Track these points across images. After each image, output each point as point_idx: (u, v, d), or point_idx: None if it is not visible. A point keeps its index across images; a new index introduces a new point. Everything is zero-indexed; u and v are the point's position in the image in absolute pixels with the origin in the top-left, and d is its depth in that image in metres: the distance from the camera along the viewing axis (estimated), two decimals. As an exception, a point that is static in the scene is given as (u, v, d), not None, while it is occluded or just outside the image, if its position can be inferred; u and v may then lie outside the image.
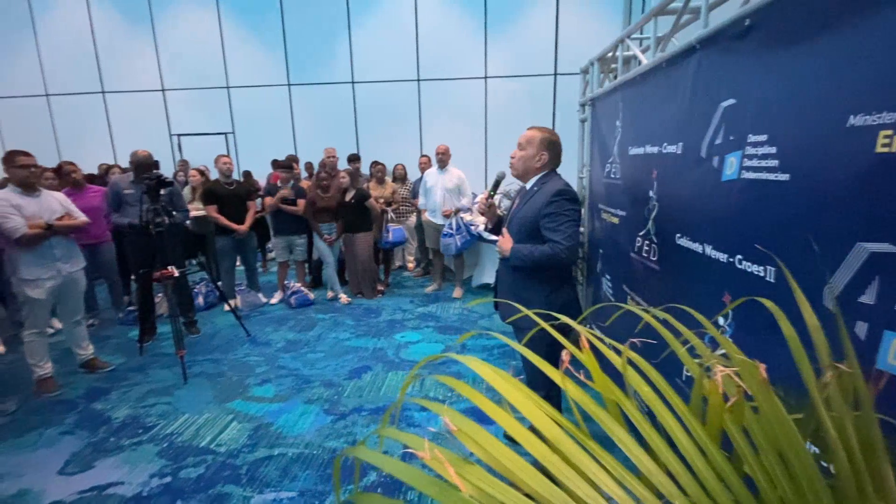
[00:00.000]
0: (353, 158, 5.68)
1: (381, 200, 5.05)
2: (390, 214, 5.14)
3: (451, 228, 4.50)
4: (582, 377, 0.63)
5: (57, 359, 3.16)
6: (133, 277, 4.38)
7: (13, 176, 2.80)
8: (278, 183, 4.69)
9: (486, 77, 6.88)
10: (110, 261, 4.17)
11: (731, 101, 1.41)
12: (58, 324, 3.60)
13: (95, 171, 5.93)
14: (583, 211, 3.14)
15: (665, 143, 1.86)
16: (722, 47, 1.47)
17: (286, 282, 4.82)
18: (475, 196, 5.15)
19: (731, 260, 1.39)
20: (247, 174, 6.52)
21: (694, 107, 1.64)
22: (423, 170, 5.21)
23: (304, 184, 4.95)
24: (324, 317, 4.31)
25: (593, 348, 0.65)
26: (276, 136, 7.41)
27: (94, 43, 7.43)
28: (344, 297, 4.72)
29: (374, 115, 7.28)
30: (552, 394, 1.99)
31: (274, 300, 4.77)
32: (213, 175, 5.03)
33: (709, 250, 1.52)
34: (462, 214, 4.59)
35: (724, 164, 1.43)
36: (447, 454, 0.48)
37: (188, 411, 2.73)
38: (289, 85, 7.33)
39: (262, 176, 6.19)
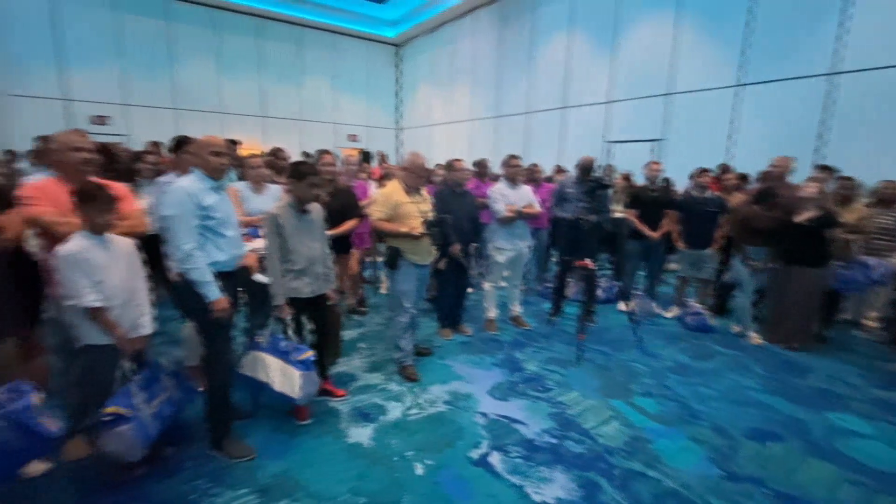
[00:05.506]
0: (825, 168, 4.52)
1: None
2: (854, 243, 3.78)
3: None
4: None
5: (497, 308, 4.23)
6: (554, 260, 5.26)
7: (507, 174, 3.86)
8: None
9: None
10: (543, 244, 5.15)
11: None
12: (502, 283, 4.81)
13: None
14: None
15: None
16: None
17: (685, 298, 4.48)
18: None
19: None
20: (666, 182, 6.40)
21: None
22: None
23: (735, 198, 4.34)
24: (724, 351, 3.74)
25: None
26: (707, 143, 6.85)
27: (565, 67, 9.16)
28: (755, 338, 3.91)
29: (857, 114, 5.42)
30: None
31: (668, 314, 4.55)
32: (639, 180, 5.22)
33: None
34: None
35: None
36: None
37: (577, 389, 3.04)
38: (736, 86, 6.54)
39: (682, 184, 5.90)
